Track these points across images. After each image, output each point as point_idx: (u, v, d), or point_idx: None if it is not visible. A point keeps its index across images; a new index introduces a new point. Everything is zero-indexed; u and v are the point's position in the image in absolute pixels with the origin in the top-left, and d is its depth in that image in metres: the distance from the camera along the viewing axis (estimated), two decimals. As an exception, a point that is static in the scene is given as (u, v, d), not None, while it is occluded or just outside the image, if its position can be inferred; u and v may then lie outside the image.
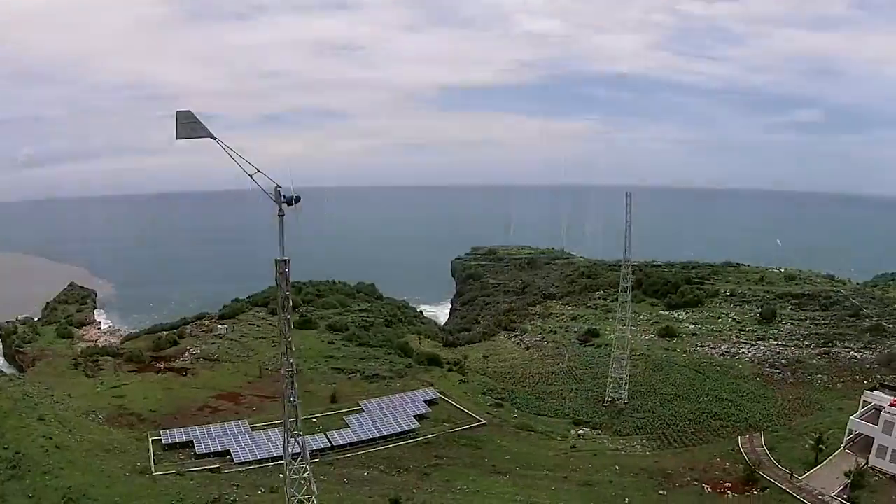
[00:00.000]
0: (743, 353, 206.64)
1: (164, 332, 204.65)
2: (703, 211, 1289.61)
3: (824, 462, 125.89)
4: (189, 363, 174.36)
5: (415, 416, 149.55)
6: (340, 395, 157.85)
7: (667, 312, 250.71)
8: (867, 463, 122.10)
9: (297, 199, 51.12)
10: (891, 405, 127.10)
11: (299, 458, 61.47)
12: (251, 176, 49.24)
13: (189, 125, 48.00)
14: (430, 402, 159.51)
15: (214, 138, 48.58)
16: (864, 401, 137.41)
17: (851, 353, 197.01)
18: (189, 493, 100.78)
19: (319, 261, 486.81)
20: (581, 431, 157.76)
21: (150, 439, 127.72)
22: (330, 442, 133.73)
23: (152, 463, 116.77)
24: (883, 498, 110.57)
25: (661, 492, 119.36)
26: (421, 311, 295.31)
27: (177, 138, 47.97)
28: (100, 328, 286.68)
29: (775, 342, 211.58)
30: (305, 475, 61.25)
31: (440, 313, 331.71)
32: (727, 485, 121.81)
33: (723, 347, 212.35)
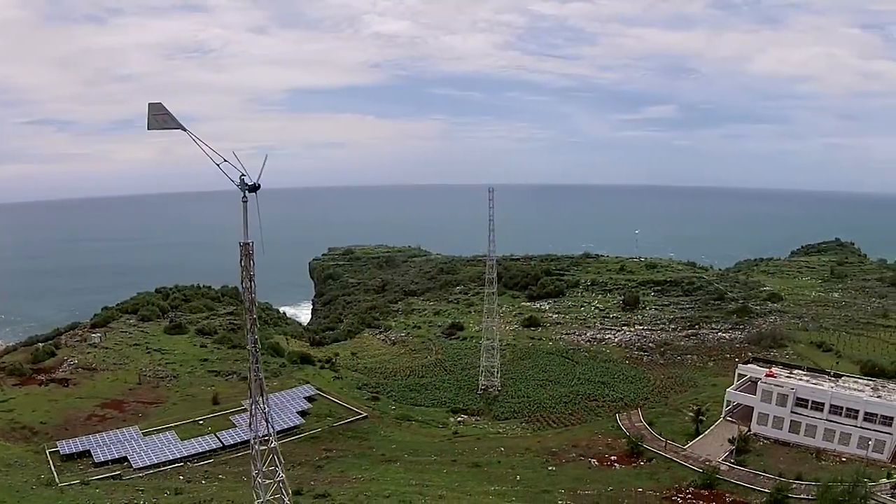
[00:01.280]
0: (609, 338, 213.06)
1: (41, 344, 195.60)
2: (557, 206, 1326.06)
3: (706, 432, 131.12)
4: (69, 373, 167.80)
5: (298, 413, 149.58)
6: (221, 396, 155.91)
7: (529, 304, 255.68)
8: (749, 430, 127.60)
9: (258, 187, 53.11)
10: (767, 375, 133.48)
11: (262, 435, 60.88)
12: (219, 165, 50.18)
13: (160, 117, 49.46)
14: (309, 399, 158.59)
15: (185, 129, 49.86)
16: (738, 374, 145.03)
17: (719, 333, 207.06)
18: (98, 502, 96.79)
19: (179, 265, 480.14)
20: (460, 419, 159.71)
21: (48, 451, 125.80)
22: (221, 442, 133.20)
23: (55, 474, 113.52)
24: (770, 460, 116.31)
25: (549, 468, 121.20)
26: (284, 313, 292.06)
27: (148, 129, 49.78)
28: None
29: (641, 327, 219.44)
30: (272, 445, 61.06)
31: (300, 314, 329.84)
32: (613, 458, 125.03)
33: (588, 334, 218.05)
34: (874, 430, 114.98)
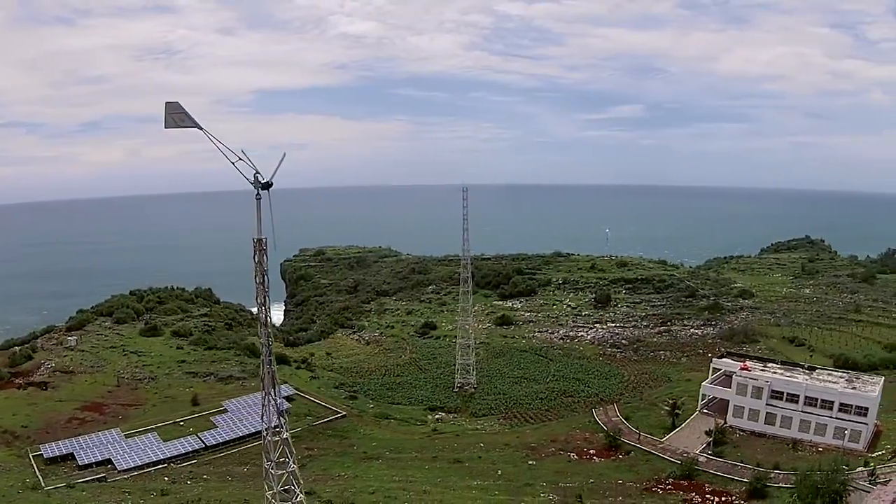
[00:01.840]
0: (582, 335, 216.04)
1: (17, 348, 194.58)
2: (525, 206, 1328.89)
3: (682, 425, 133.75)
4: (47, 377, 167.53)
5: (277, 413, 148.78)
6: (201, 397, 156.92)
7: (501, 302, 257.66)
8: (725, 422, 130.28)
9: (271, 185, 55.62)
10: (741, 369, 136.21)
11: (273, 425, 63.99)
12: (234, 164, 52.24)
13: (176, 115, 51.14)
14: (288, 399, 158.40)
15: (201, 128, 51.40)
16: (713, 368, 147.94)
17: (691, 330, 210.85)
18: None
19: (150, 268, 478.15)
20: (438, 416, 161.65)
21: (31, 455, 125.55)
22: (203, 442, 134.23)
23: (40, 478, 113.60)
24: (747, 451, 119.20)
25: (530, 462, 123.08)
26: (256, 314, 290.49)
27: (165, 127, 51.29)
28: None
29: (613, 324, 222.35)
30: (284, 436, 64.42)
31: (271, 314, 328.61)
32: (591, 452, 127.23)
33: (561, 332, 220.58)
34: (850, 421, 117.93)
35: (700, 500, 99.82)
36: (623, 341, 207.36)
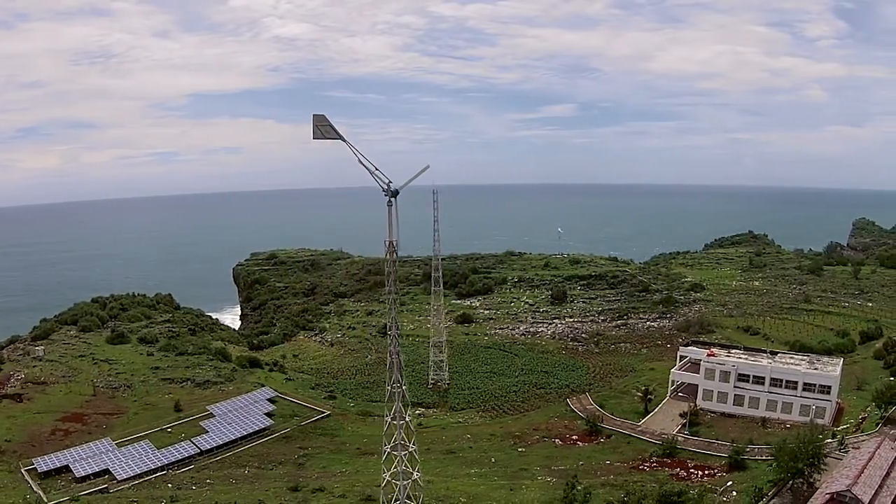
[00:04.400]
0: (542, 331, 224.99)
1: None
2: (461, 206, 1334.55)
3: (655, 410, 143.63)
4: (19, 388, 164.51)
5: (265, 414, 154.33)
6: (182, 403, 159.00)
7: (459, 301, 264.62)
8: (696, 405, 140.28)
9: (398, 193, 63.29)
10: (708, 355, 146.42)
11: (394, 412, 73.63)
12: (371, 173, 59.84)
13: (323, 127, 57.94)
14: (271, 401, 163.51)
15: (345, 140, 58.10)
16: (680, 355, 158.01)
17: (648, 322, 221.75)
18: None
19: (97, 276, 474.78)
20: (419, 411, 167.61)
21: (23, 469, 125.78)
22: (198, 448, 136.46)
23: (41, 493, 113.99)
24: (721, 430, 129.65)
25: (519, 449, 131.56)
26: (217, 319, 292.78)
27: (313, 138, 58.06)
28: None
29: (572, 319, 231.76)
30: (407, 419, 74.17)
31: (225, 318, 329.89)
32: (574, 437, 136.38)
33: (522, 328, 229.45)
34: (814, 399, 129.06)
35: (685, 474, 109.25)
36: (583, 335, 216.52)
